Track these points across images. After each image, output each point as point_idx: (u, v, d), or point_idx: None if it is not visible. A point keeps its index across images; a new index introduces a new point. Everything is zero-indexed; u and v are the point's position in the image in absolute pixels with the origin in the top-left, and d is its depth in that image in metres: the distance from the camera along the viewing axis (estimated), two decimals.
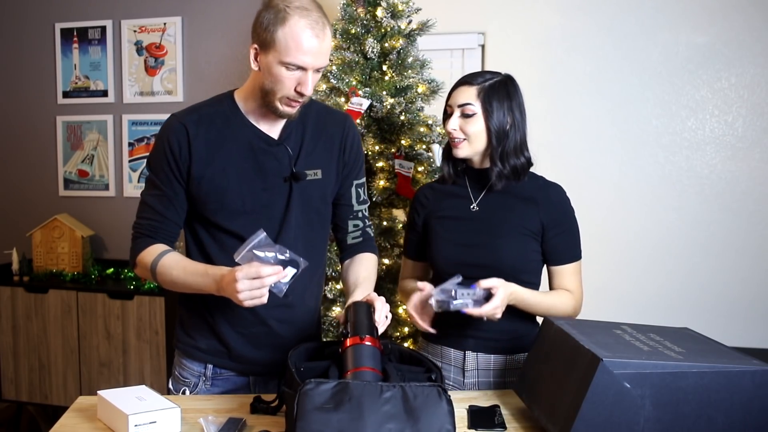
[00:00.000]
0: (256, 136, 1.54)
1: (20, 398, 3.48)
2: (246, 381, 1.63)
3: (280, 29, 1.39)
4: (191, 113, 1.55)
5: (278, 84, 1.43)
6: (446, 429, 1.20)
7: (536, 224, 1.66)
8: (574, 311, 1.67)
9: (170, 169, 1.52)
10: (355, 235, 1.70)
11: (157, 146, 1.55)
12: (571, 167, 3.14)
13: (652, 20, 3.08)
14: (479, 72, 1.71)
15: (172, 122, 1.54)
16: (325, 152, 1.61)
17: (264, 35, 1.41)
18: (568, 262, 1.68)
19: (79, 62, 3.81)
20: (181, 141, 1.51)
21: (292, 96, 1.45)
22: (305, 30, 1.38)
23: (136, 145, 3.76)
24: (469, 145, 1.65)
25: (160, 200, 1.55)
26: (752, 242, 3.05)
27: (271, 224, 1.54)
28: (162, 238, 1.56)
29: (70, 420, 1.40)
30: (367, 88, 2.54)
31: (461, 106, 1.63)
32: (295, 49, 1.39)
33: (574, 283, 1.69)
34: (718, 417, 1.17)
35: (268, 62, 1.43)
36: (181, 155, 1.51)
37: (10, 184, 3.97)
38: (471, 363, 1.69)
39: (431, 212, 1.75)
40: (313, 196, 1.59)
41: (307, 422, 1.18)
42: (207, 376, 1.61)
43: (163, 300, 3.25)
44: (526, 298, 1.60)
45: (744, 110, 3.05)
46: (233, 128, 1.54)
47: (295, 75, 1.42)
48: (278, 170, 1.54)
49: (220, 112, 1.55)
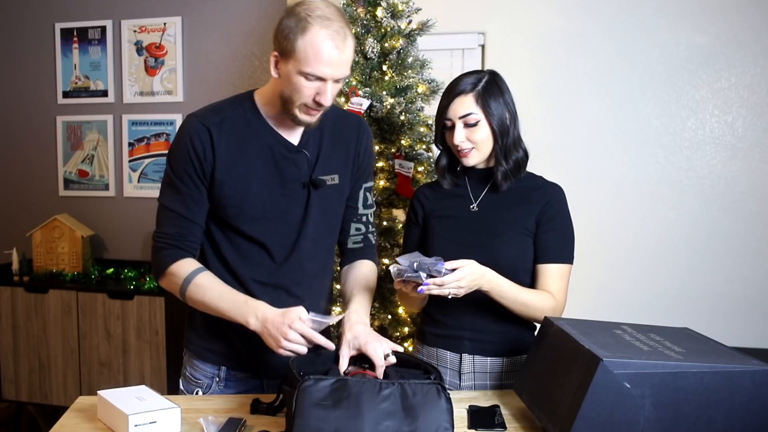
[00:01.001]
0: (277, 142, 1.52)
1: (20, 398, 3.49)
2: (259, 384, 1.62)
3: (300, 38, 1.36)
4: (214, 115, 1.51)
5: (297, 93, 1.42)
6: (444, 427, 1.21)
7: (532, 222, 1.65)
8: (551, 312, 1.60)
9: (194, 171, 1.49)
10: (356, 239, 1.69)
11: (179, 148, 1.50)
12: (571, 167, 3.14)
13: (652, 20, 3.08)
14: (464, 78, 1.66)
15: (194, 124, 1.50)
16: (342, 157, 1.60)
17: (284, 43, 1.39)
18: (554, 262, 1.64)
19: (79, 62, 3.81)
20: (205, 143, 1.48)
21: (310, 105, 1.43)
22: (326, 41, 1.36)
23: (136, 145, 3.76)
24: (477, 152, 1.64)
25: (183, 203, 1.50)
26: (752, 242, 3.05)
27: (289, 231, 1.54)
28: (188, 245, 1.52)
29: (70, 420, 1.40)
30: (367, 88, 2.54)
31: (463, 117, 1.61)
32: (315, 59, 1.36)
33: (558, 287, 1.64)
34: (718, 417, 1.17)
35: (287, 71, 1.41)
36: (206, 157, 1.48)
37: (10, 184, 3.97)
38: (467, 366, 1.68)
39: (431, 212, 1.74)
40: (332, 201, 1.60)
41: (306, 418, 1.18)
42: (220, 378, 1.61)
43: (163, 300, 3.25)
44: (502, 287, 1.55)
45: (744, 110, 3.05)
46: (254, 133, 1.52)
47: (315, 85, 1.40)
48: (297, 176, 1.54)
49: (241, 114, 1.52)
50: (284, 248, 1.55)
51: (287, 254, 1.55)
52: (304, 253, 1.56)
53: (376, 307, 2.52)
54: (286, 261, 1.54)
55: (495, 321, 1.66)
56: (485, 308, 1.62)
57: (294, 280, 1.56)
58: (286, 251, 1.55)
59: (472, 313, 1.64)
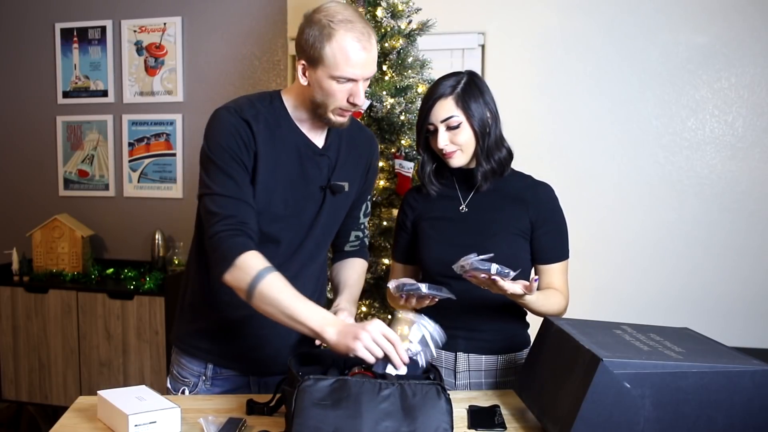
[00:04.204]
0: (304, 144, 1.54)
1: (20, 398, 3.48)
2: (246, 381, 1.63)
3: (327, 45, 1.39)
4: (249, 108, 1.50)
5: (331, 97, 1.44)
6: (443, 428, 1.21)
7: (525, 223, 1.66)
8: (564, 310, 1.67)
9: (243, 156, 1.45)
10: (353, 244, 1.74)
11: (224, 135, 1.45)
12: (571, 167, 3.14)
13: (652, 20, 3.08)
14: (443, 81, 1.66)
15: (232, 116, 1.47)
16: (355, 167, 1.64)
17: (311, 52, 1.41)
18: (556, 261, 1.68)
19: (79, 62, 3.81)
20: (247, 134, 1.46)
21: (345, 107, 1.46)
22: (353, 43, 1.39)
23: (136, 145, 3.75)
24: (462, 153, 1.65)
25: (238, 187, 1.44)
26: (752, 242, 3.05)
27: (300, 230, 1.56)
28: (251, 232, 1.43)
29: (70, 420, 1.40)
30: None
31: (444, 120, 1.62)
32: (345, 63, 1.39)
33: (562, 282, 1.69)
34: (718, 417, 1.17)
35: (317, 77, 1.43)
36: (249, 145, 1.46)
37: (10, 184, 3.97)
38: (462, 364, 1.68)
39: (421, 214, 1.74)
40: (340, 208, 1.63)
41: (305, 418, 1.18)
42: (207, 376, 1.61)
43: (163, 300, 3.25)
44: (529, 300, 1.58)
45: (744, 110, 3.05)
46: (284, 131, 1.52)
47: (347, 87, 1.43)
48: (318, 179, 1.56)
49: (273, 112, 1.52)
50: (291, 247, 1.56)
51: (292, 253, 1.56)
52: (307, 253, 1.58)
53: (376, 307, 2.53)
54: (290, 259, 1.56)
55: (489, 319, 1.66)
56: (479, 307, 1.63)
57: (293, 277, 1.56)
58: (292, 250, 1.56)
59: (466, 311, 1.64)
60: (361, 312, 2.53)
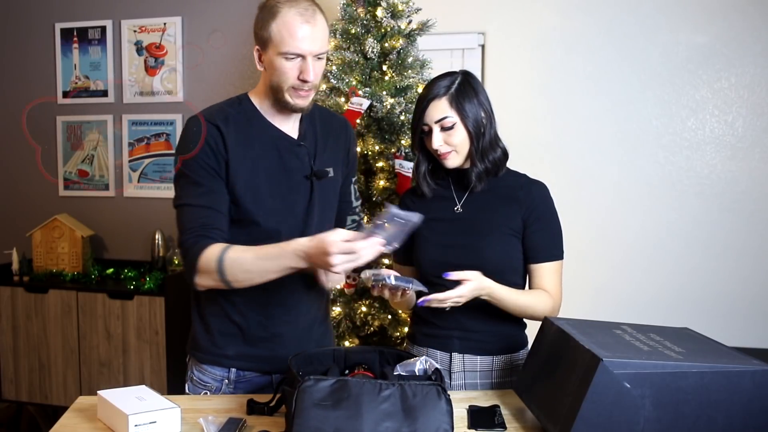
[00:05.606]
0: (279, 137, 1.57)
1: (20, 398, 3.48)
2: (269, 380, 1.63)
3: (272, 23, 1.45)
4: (218, 113, 1.54)
5: (282, 76, 1.48)
6: (444, 429, 1.21)
7: (517, 222, 1.65)
8: (552, 313, 1.63)
9: (212, 164, 1.49)
10: (351, 227, 1.76)
11: (190, 146, 1.50)
12: (571, 167, 3.14)
13: (652, 20, 3.08)
14: (437, 81, 1.66)
15: (199, 123, 1.52)
16: (334, 152, 1.67)
17: (261, 33, 1.48)
18: (547, 261, 1.66)
19: (79, 62, 3.81)
20: (217, 139, 1.50)
21: (297, 85, 1.49)
22: (295, 18, 1.44)
23: (136, 145, 3.75)
24: (457, 154, 1.65)
25: (206, 195, 1.48)
26: (752, 242, 3.05)
27: (296, 222, 1.57)
28: (214, 233, 1.46)
29: (70, 420, 1.40)
30: (367, 88, 2.54)
31: (439, 121, 1.62)
32: (290, 37, 1.44)
33: (553, 284, 1.66)
34: (718, 417, 1.17)
35: (269, 58, 1.48)
36: (219, 150, 1.50)
37: (10, 184, 3.97)
38: (457, 365, 1.68)
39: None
40: (330, 193, 1.65)
41: (305, 419, 1.18)
42: (230, 380, 1.62)
43: (163, 300, 3.25)
44: (502, 296, 1.58)
45: (744, 110, 3.05)
46: (257, 129, 1.56)
47: (296, 63, 1.47)
48: (300, 169, 1.58)
49: (242, 112, 1.57)
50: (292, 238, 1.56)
51: None
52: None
53: (376, 307, 2.53)
54: None
55: (484, 320, 1.66)
56: (474, 308, 1.63)
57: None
58: None
59: (461, 312, 1.64)
60: (362, 312, 2.52)
